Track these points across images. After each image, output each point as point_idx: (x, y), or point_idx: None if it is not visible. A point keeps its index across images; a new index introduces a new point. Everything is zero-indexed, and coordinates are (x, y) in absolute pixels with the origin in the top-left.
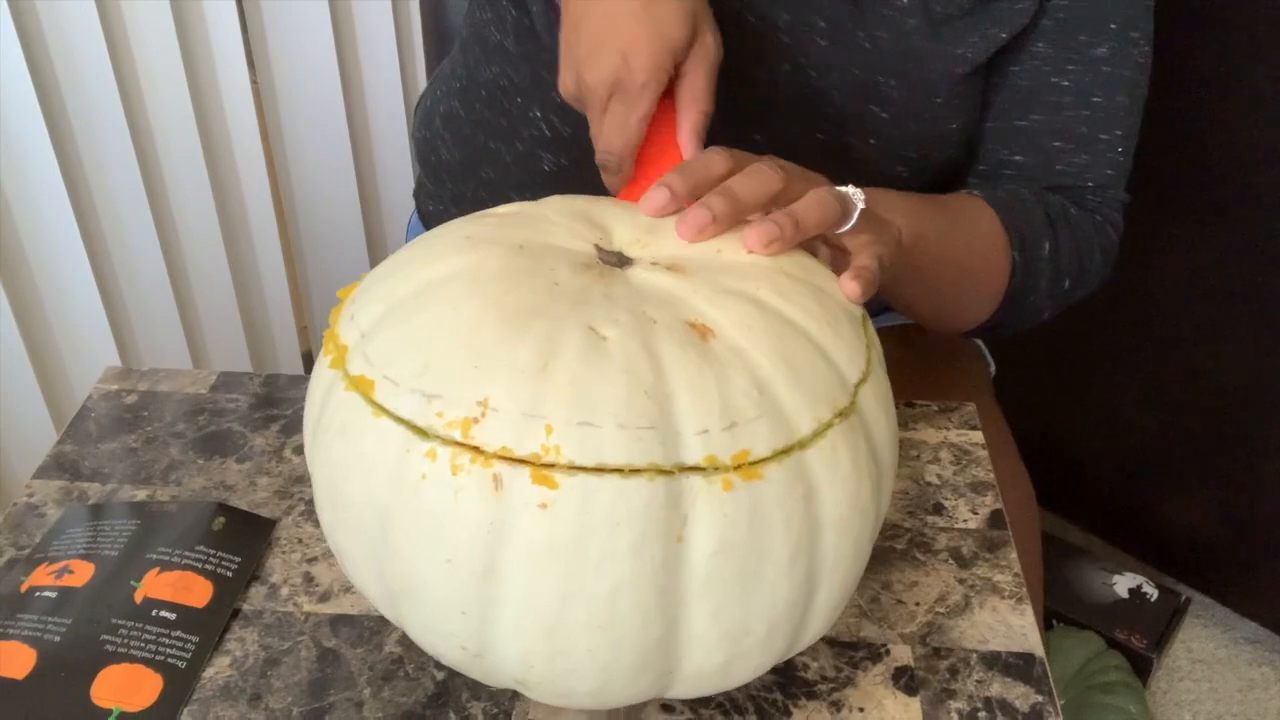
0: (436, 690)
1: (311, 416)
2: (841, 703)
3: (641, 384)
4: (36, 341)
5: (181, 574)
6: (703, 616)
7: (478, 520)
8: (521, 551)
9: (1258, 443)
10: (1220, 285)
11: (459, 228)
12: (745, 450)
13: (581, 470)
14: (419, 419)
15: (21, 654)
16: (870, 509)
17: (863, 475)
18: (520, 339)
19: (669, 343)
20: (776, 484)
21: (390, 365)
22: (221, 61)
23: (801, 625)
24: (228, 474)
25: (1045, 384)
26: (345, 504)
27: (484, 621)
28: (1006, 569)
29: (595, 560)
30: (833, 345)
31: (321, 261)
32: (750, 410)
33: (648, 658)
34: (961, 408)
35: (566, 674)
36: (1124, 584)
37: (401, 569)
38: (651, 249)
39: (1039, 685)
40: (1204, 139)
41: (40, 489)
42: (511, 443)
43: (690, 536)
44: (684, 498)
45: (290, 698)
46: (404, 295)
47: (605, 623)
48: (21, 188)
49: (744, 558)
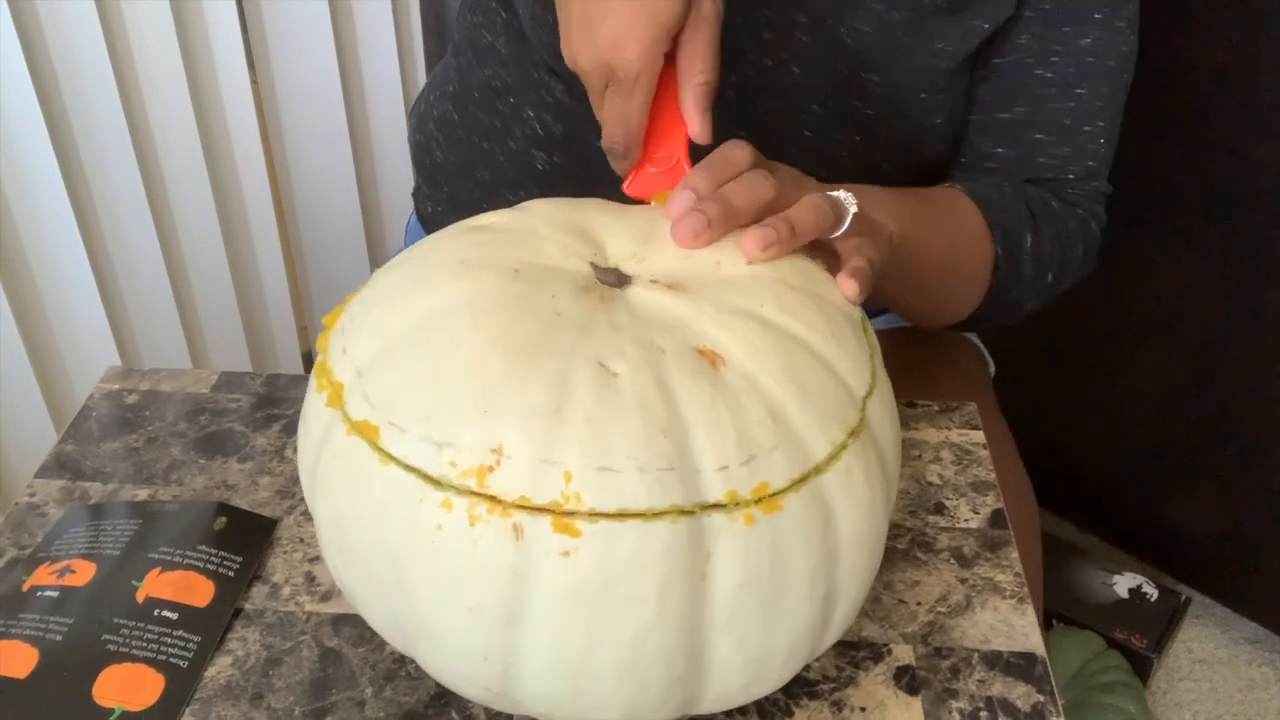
0: (439, 690)
1: (308, 454)
2: (843, 702)
3: (657, 422)
4: (36, 341)
5: (183, 573)
6: (726, 648)
7: (499, 569)
8: (544, 598)
9: (1257, 443)
10: (1220, 286)
11: (449, 249)
12: (764, 483)
13: (603, 516)
14: (430, 468)
15: (23, 653)
16: (882, 520)
17: (875, 490)
18: (529, 378)
19: (680, 373)
20: (796, 512)
21: (394, 410)
22: (221, 61)
23: (820, 639)
24: (229, 473)
25: (1045, 384)
26: (354, 549)
27: (507, 666)
28: (1008, 568)
29: (620, 604)
30: (839, 359)
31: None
32: (767, 440)
33: (672, 690)
34: (963, 407)
35: (593, 709)
36: (1124, 584)
37: (419, 615)
38: (648, 263)
39: (1040, 685)
40: (1205, 140)
41: (41, 489)
42: (529, 491)
43: (713, 574)
44: (706, 536)
45: (292, 697)
46: (401, 328)
47: (631, 664)
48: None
49: (766, 588)
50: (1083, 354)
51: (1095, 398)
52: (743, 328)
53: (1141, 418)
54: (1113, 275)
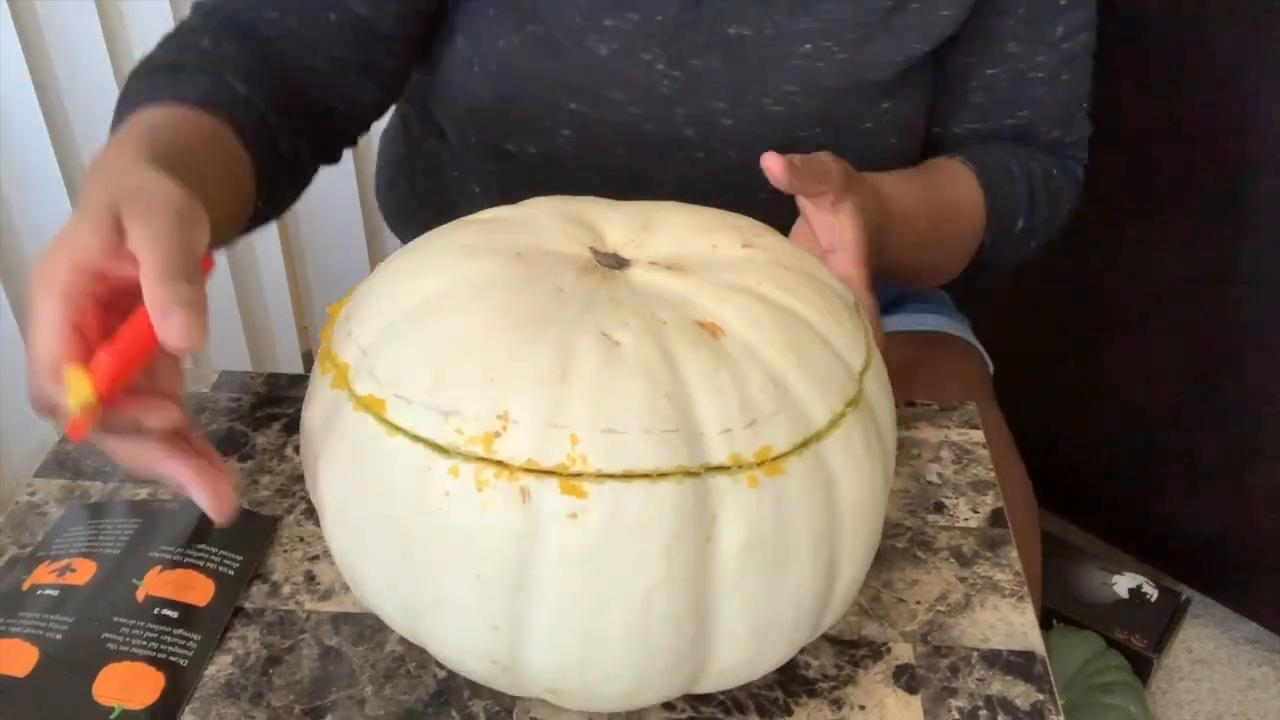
0: (438, 688)
1: (312, 439)
2: (842, 701)
3: (661, 387)
4: None
5: (183, 572)
6: (732, 613)
7: (507, 534)
8: (553, 562)
9: (1258, 443)
10: (1221, 285)
11: (452, 236)
12: (767, 446)
13: (610, 478)
14: (438, 436)
15: (23, 652)
16: (882, 493)
17: (874, 460)
18: (535, 347)
19: (682, 343)
20: (798, 477)
21: (401, 383)
22: None
23: (822, 613)
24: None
25: (1045, 384)
26: (360, 526)
27: (516, 634)
28: (1007, 567)
29: (627, 566)
30: (836, 335)
31: (321, 261)
32: (768, 405)
33: (679, 658)
34: (962, 407)
35: (600, 681)
36: (1124, 584)
37: (427, 587)
38: (647, 249)
39: (1040, 684)
40: (1205, 139)
41: (42, 488)
42: (536, 454)
43: (719, 535)
44: (711, 497)
45: (292, 696)
46: (406, 308)
47: (639, 627)
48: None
49: (771, 551)
50: (1082, 354)
51: (1095, 398)
52: (741, 302)
53: (1142, 417)
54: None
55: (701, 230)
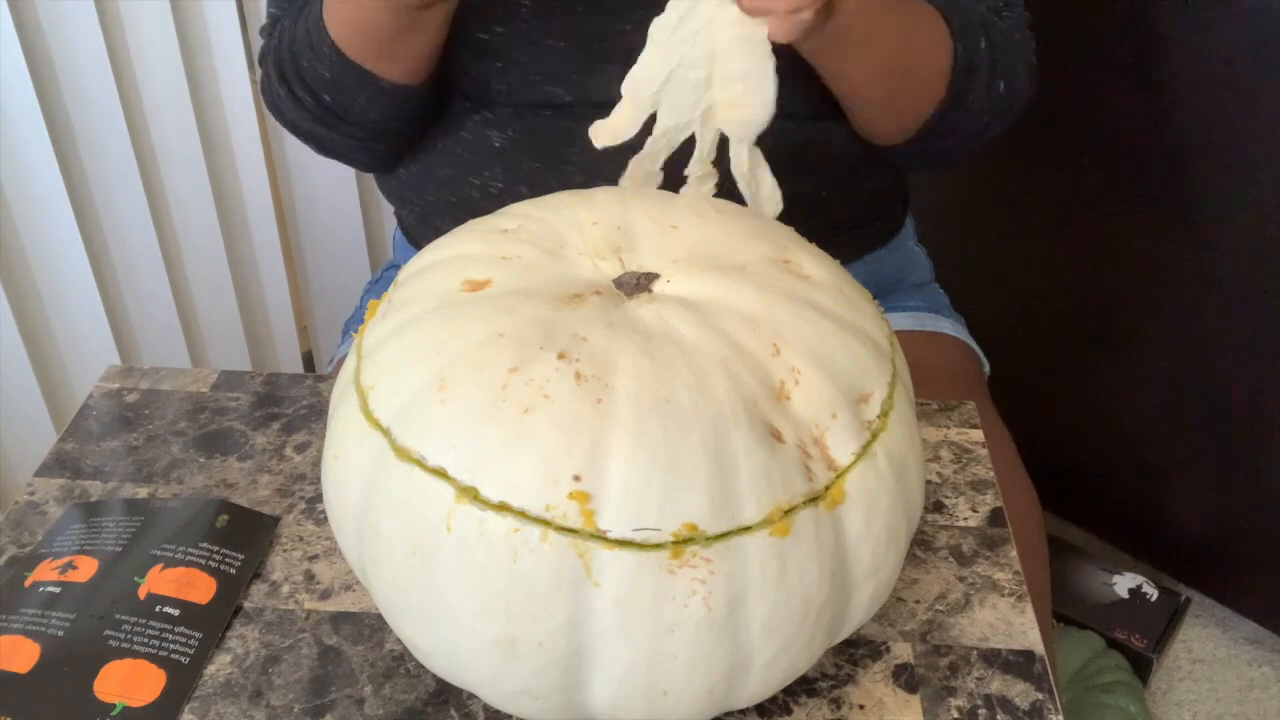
0: (438, 687)
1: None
2: (842, 700)
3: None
4: (36, 341)
5: (185, 570)
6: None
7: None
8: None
9: (1258, 443)
10: (1220, 285)
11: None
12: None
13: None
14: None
15: (25, 648)
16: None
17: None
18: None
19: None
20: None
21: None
22: (221, 61)
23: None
24: (229, 472)
25: (1045, 384)
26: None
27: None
28: (1007, 567)
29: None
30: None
31: (321, 261)
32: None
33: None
34: (961, 406)
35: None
36: (1124, 584)
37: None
38: (675, 284)
39: (1039, 683)
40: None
41: (42, 487)
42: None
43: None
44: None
45: (291, 695)
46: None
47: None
48: (21, 188)
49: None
50: (1082, 354)
51: (1094, 398)
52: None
53: (1141, 417)
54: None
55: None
